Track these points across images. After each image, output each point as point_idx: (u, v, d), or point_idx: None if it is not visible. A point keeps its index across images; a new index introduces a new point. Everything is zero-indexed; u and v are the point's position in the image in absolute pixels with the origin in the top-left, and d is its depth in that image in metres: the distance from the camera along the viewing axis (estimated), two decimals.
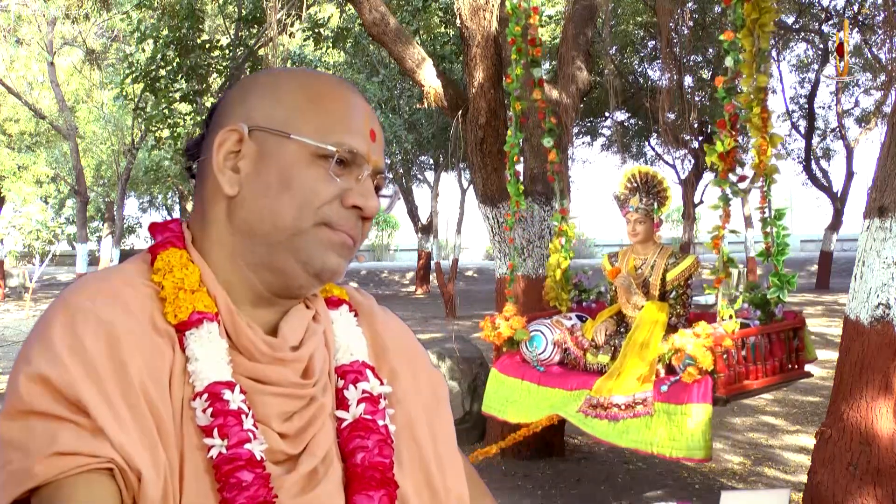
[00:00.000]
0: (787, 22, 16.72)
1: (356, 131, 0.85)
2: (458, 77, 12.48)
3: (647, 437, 3.56)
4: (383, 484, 0.83)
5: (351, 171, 0.84)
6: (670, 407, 3.55)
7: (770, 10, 3.58)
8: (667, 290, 4.06)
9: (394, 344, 0.97)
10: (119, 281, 0.81)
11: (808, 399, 7.39)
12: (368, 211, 0.85)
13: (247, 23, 12.59)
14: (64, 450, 0.69)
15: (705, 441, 3.41)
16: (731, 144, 3.72)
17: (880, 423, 3.10)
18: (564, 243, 4.71)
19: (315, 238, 0.83)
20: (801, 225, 55.61)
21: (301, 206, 0.82)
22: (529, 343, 4.28)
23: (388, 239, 38.43)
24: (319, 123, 0.84)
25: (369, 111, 0.89)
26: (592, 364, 4.08)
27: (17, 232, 18.49)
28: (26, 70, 17.76)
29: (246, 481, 0.74)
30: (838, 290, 17.90)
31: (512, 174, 4.82)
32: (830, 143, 20.85)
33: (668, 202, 4.19)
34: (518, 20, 4.64)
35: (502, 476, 5.09)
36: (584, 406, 3.80)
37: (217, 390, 0.77)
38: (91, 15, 14.60)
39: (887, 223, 3.16)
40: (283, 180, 0.82)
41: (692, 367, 3.49)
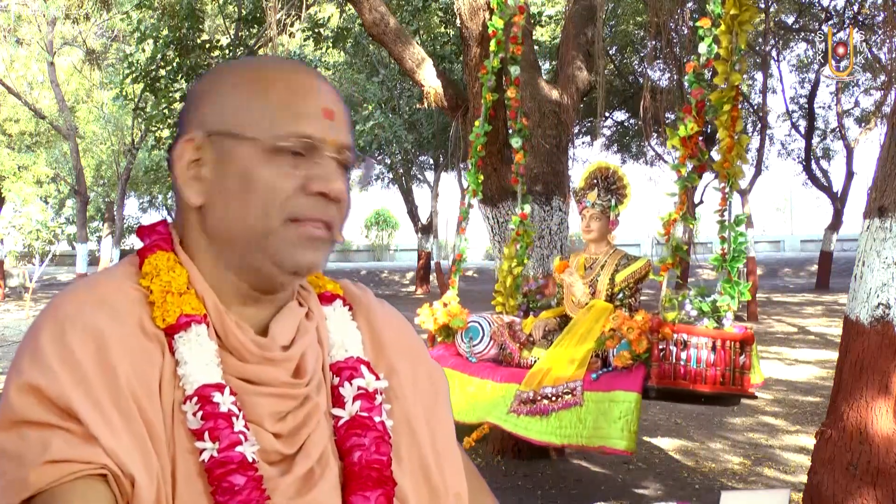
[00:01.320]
0: (787, 22, 16.72)
1: (307, 115, 0.83)
2: (458, 77, 12.48)
3: (578, 429, 3.42)
4: (380, 483, 0.82)
5: (310, 157, 0.82)
6: (598, 395, 3.41)
7: (751, 8, 3.56)
8: (615, 291, 3.94)
9: (392, 338, 0.96)
10: (107, 286, 0.81)
11: (808, 399, 7.39)
12: (333, 194, 0.82)
13: (247, 23, 12.59)
14: (57, 457, 0.70)
15: (629, 431, 3.23)
16: (694, 129, 3.69)
17: (880, 423, 3.10)
18: (519, 249, 4.62)
19: (285, 236, 0.81)
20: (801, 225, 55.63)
21: (265, 206, 0.80)
22: (465, 333, 4.16)
23: (388, 239, 38.44)
24: (269, 116, 0.82)
25: (323, 89, 0.86)
26: (526, 358, 3.95)
27: (17, 232, 18.48)
28: (26, 70, 17.75)
29: (238, 485, 0.75)
30: (838, 290, 17.91)
31: (474, 164, 4.76)
32: (830, 143, 20.87)
33: (627, 200, 4.07)
34: (502, 14, 4.64)
35: (502, 476, 5.09)
36: (515, 404, 3.66)
37: (207, 393, 0.77)
38: (91, 15, 14.60)
39: (887, 223, 3.16)
40: (243, 182, 0.81)
41: (626, 351, 3.38)
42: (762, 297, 17.98)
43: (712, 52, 3.67)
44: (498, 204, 5.48)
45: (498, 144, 5.36)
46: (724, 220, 3.76)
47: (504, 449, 5.40)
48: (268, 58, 0.89)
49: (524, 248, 4.65)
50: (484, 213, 5.66)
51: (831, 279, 19.60)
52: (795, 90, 20.35)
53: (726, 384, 3.52)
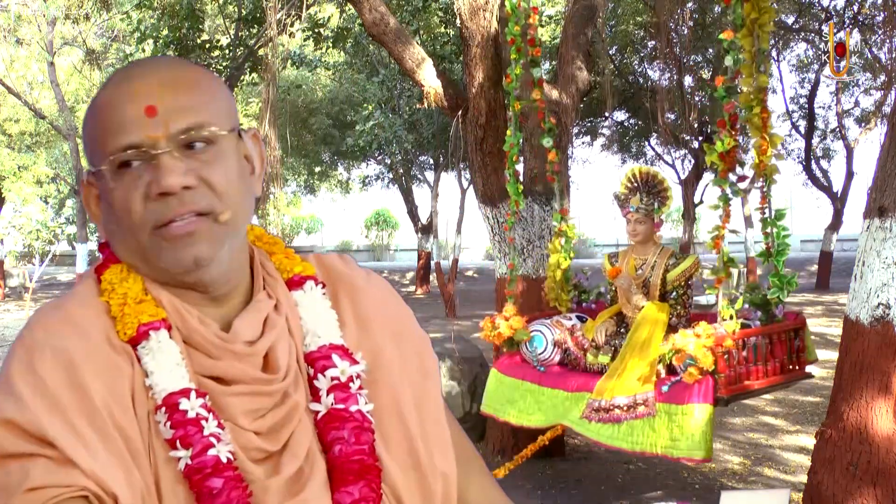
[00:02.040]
0: (787, 22, 16.72)
1: (126, 123, 0.81)
2: (458, 77, 12.47)
3: (650, 438, 3.56)
4: (362, 474, 0.82)
5: (147, 161, 0.80)
6: (672, 407, 3.54)
7: (769, 9, 3.58)
8: (667, 290, 4.04)
9: (377, 315, 0.94)
10: (72, 305, 0.82)
11: (808, 399, 7.39)
12: (168, 188, 0.79)
13: (247, 23, 12.59)
14: (36, 485, 0.71)
15: (706, 441, 3.41)
16: (731, 144, 3.72)
17: (880, 423, 3.10)
18: (564, 243, 4.70)
19: (156, 245, 0.81)
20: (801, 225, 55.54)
21: (129, 227, 0.81)
22: (530, 343, 4.26)
23: (388, 239, 38.43)
24: (100, 141, 0.82)
25: (145, 87, 0.82)
26: (593, 364, 4.06)
27: (17, 232, 18.50)
28: (26, 70, 17.75)
29: (216, 488, 0.75)
30: (838, 290, 17.89)
31: (511, 174, 4.82)
32: (830, 143, 20.85)
33: (669, 202, 4.18)
34: (517, 20, 4.64)
35: (502, 476, 5.09)
36: (587, 411, 3.79)
37: (174, 401, 0.77)
38: (91, 15, 14.60)
39: (887, 223, 3.16)
40: (111, 211, 0.83)
41: (693, 368, 3.48)
42: None
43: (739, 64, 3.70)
44: (498, 204, 5.48)
45: (498, 144, 5.36)
46: (766, 216, 3.86)
47: (504, 449, 5.40)
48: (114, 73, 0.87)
49: (569, 242, 4.72)
50: (484, 213, 5.65)
51: (831, 279, 19.58)
52: (795, 90, 20.34)
53: (785, 371, 3.78)
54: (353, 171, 25.29)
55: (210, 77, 0.87)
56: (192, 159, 0.81)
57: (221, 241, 0.82)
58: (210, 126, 0.82)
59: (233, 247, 0.84)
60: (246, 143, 0.89)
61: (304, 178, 25.09)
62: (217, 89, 0.86)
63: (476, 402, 5.91)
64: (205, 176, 0.81)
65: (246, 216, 0.86)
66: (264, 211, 11.86)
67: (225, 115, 0.85)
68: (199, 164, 0.81)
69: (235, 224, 0.83)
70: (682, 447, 3.45)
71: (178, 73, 0.84)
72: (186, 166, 0.80)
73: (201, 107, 0.83)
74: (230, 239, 0.83)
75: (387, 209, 37.73)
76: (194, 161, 0.81)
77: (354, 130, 16.72)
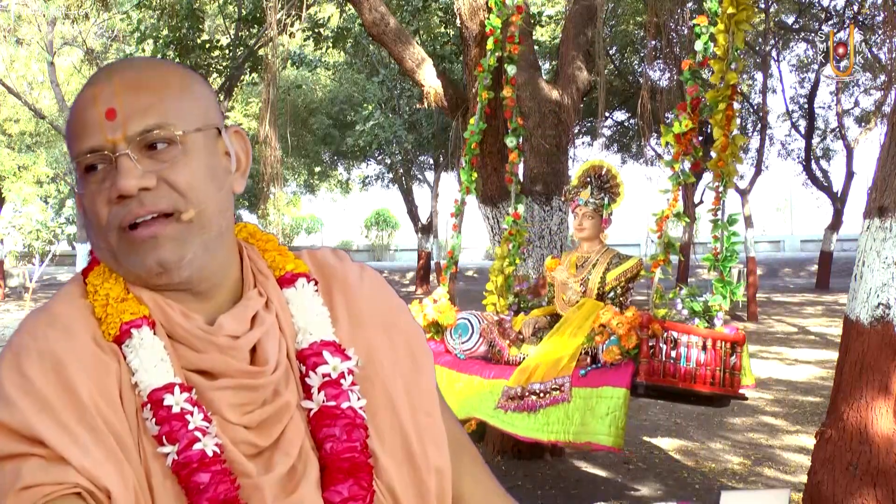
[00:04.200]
0: (787, 22, 16.72)
1: (88, 127, 0.81)
2: (458, 77, 12.48)
3: (565, 426, 3.39)
4: (352, 472, 0.82)
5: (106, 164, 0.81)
6: (586, 391, 3.38)
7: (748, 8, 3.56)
8: (605, 290, 3.92)
9: (370, 309, 0.94)
10: (58, 306, 0.83)
11: (808, 399, 7.39)
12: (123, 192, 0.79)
13: (247, 23, 12.59)
14: (28, 483, 0.71)
15: (616, 427, 3.18)
16: (689, 126, 3.69)
17: (880, 424, 3.10)
18: (512, 249, 4.60)
19: (126, 249, 0.81)
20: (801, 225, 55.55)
21: (98, 229, 0.82)
22: (454, 330, 4.14)
23: (388, 239, 38.43)
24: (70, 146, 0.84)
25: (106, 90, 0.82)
26: (515, 356, 3.93)
27: (17, 232, 18.50)
28: (26, 70, 17.76)
29: (203, 482, 0.75)
30: (838, 290, 17.90)
31: (468, 161, 4.75)
32: (830, 143, 20.85)
33: (620, 199, 4.03)
34: (500, 13, 4.64)
35: (502, 476, 5.09)
36: (502, 400, 3.64)
37: (158, 397, 0.78)
38: (91, 15, 14.60)
39: (887, 223, 3.16)
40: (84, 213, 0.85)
41: (615, 346, 3.36)
42: (762, 297, 17.96)
43: (708, 50, 3.68)
44: (498, 204, 5.48)
45: (498, 144, 5.36)
46: (717, 219, 3.76)
47: (504, 449, 5.40)
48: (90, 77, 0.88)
49: (516, 247, 4.63)
50: (484, 213, 5.66)
51: (831, 279, 19.60)
52: (795, 90, 20.34)
53: (716, 384, 3.50)
54: (353, 171, 25.29)
55: (181, 76, 0.86)
56: (153, 160, 0.81)
57: (188, 241, 0.81)
58: (170, 126, 0.81)
59: (207, 245, 0.83)
60: (226, 140, 0.88)
61: (304, 178, 25.10)
62: (186, 88, 0.85)
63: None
64: (166, 176, 0.80)
65: (219, 214, 0.84)
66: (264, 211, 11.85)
67: (192, 113, 0.84)
68: (160, 165, 0.81)
69: (203, 222, 0.82)
70: (590, 431, 3.26)
71: (142, 74, 0.84)
72: (146, 168, 0.80)
73: (163, 107, 0.82)
74: (199, 237, 0.82)
75: (387, 209, 37.73)
76: (156, 162, 0.81)
77: (354, 130, 16.72)
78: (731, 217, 3.77)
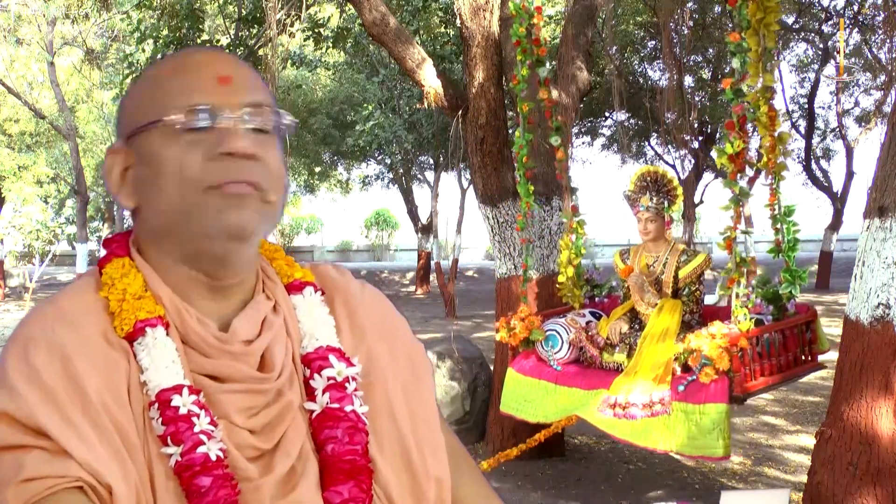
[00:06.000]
0: (787, 22, 16.72)
1: (198, 86, 0.83)
2: (458, 77, 12.47)
3: (666, 436, 3.60)
4: (353, 474, 0.82)
5: (209, 125, 0.82)
6: (688, 406, 3.59)
7: (775, 8, 3.59)
8: (679, 287, 4.10)
9: (371, 321, 0.95)
10: (68, 301, 0.82)
11: (808, 399, 7.39)
12: (239, 151, 0.80)
13: (247, 23, 12.58)
14: (30, 475, 0.71)
15: (723, 439, 3.46)
16: (741, 146, 3.74)
17: (880, 423, 3.10)
18: (575, 240, 4.73)
19: (207, 205, 0.80)
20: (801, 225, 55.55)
21: (179, 185, 0.80)
22: (545, 342, 4.31)
23: (388, 239, 38.42)
24: (160, 101, 0.83)
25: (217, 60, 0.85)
26: (609, 363, 4.13)
27: (17, 232, 18.50)
28: (26, 70, 17.76)
29: (205, 486, 0.75)
30: (838, 290, 17.88)
31: (522, 175, 4.83)
32: (830, 143, 20.85)
33: (679, 200, 4.25)
34: (521, 21, 4.65)
35: (502, 476, 5.09)
36: (603, 406, 3.83)
37: (166, 397, 0.78)
38: (91, 15, 14.60)
39: (887, 223, 3.16)
40: (156, 170, 0.82)
41: (709, 368, 3.53)
42: None
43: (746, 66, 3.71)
44: (498, 204, 5.48)
45: (498, 144, 5.36)
46: (775, 213, 3.92)
47: (505, 449, 5.40)
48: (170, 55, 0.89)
49: (579, 238, 4.75)
50: (484, 213, 5.65)
51: (831, 279, 19.58)
52: (795, 90, 20.35)
53: (798, 364, 3.87)
54: (353, 171, 25.28)
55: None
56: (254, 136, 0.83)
57: (262, 222, 0.83)
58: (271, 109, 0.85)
59: (263, 235, 0.86)
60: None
61: (304, 178, 25.08)
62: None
63: (476, 402, 5.91)
64: (264, 155, 0.82)
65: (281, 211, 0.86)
66: None
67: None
68: (260, 143, 0.82)
69: (274, 212, 0.84)
70: (700, 445, 3.51)
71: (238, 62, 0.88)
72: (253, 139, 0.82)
73: (266, 92, 0.86)
74: (267, 224, 0.84)
75: (387, 209, 37.73)
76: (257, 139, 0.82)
77: (354, 130, 16.71)
78: (788, 208, 3.93)
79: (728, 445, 3.49)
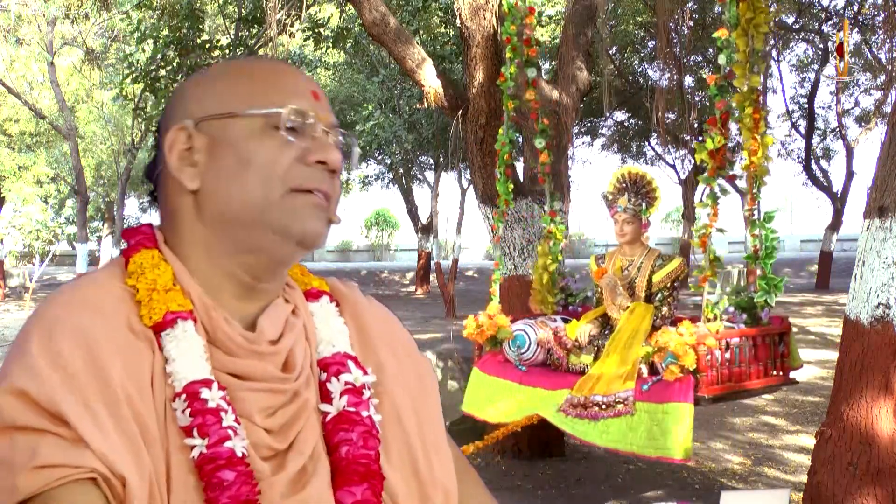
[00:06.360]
0: (787, 22, 16.72)
1: (297, 93, 0.85)
2: (458, 77, 12.47)
3: (627, 436, 3.50)
4: (367, 477, 0.82)
5: (303, 130, 0.84)
6: (651, 406, 3.49)
7: (764, 10, 3.58)
8: (652, 291, 4.01)
9: (379, 333, 0.96)
10: (93, 287, 0.81)
11: (808, 399, 7.39)
12: (331, 163, 0.83)
13: (247, 23, 12.58)
14: (45, 462, 0.69)
15: (685, 441, 3.34)
16: (721, 142, 3.71)
17: (880, 423, 3.10)
18: (552, 246, 4.66)
19: (287, 205, 0.81)
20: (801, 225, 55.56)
21: (265, 179, 0.81)
22: (512, 342, 4.22)
23: (388, 239, 38.44)
24: (258, 94, 0.84)
25: (307, 76, 0.89)
26: (575, 364, 4.03)
27: (17, 232, 18.49)
28: (26, 70, 17.76)
29: (228, 480, 0.74)
30: (838, 290, 17.89)
31: (502, 172, 4.79)
32: (830, 143, 20.88)
33: (657, 203, 4.14)
34: (514, 19, 4.65)
35: (502, 476, 5.09)
36: (565, 405, 3.75)
37: (195, 389, 0.77)
38: (91, 15, 14.60)
39: (887, 223, 3.16)
40: (240, 159, 0.82)
41: (674, 366, 3.44)
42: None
43: (732, 63, 3.69)
44: (498, 204, 5.48)
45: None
46: (754, 218, 3.86)
47: (504, 449, 5.40)
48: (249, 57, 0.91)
49: (556, 244, 4.70)
50: (484, 213, 5.66)
51: (831, 279, 19.59)
52: (795, 90, 20.37)
53: (769, 376, 3.73)
54: (353, 170, 25.27)
55: None
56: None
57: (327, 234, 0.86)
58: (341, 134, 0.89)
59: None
60: None
61: None
62: None
63: None
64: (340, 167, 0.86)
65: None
66: None
67: None
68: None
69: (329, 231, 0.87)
70: (659, 446, 3.39)
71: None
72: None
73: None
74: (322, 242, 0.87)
75: (387, 209, 37.75)
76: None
77: (354, 130, 16.71)
78: (767, 214, 3.86)
79: (689, 448, 3.34)
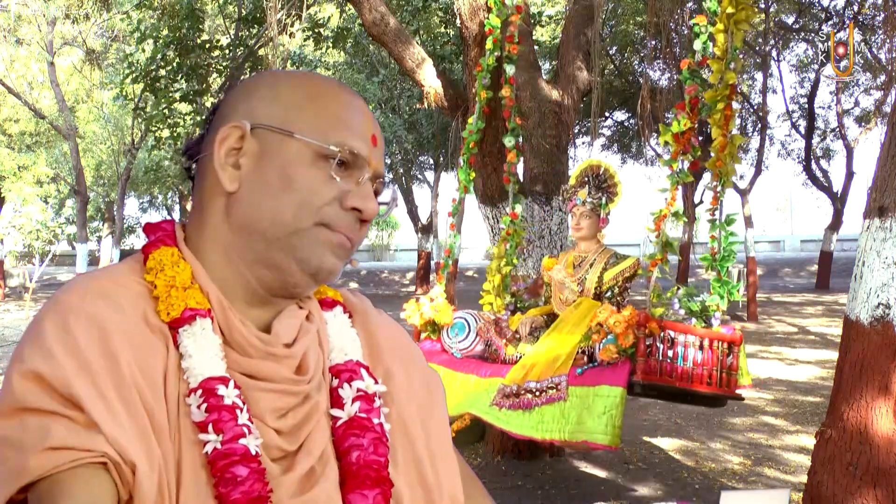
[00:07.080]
0: (787, 22, 16.72)
1: (358, 134, 0.86)
2: (458, 77, 12.48)
3: (561, 424, 3.36)
4: (378, 482, 0.83)
5: (351, 173, 0.85)
6: (583, 389, 3.36)
7: (748, 8, 3.56)
8: (603, 289, 3.90)
9: (388, 344, 0.97)
10: (110, 280, 0.82)
11: (808, 399, 7.39)
12: (367, 214, 0.85)
13: (247, 23, 12.59)
14: (57, 444, 0.70)
15: (612, 426, 3.16)
16: (687, 126, 3.68)
17: (880, 424, 3.10)
18: (509, 249, 4.60)
19: (313, 237, 0.83)
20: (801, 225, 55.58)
21: (301, 206, 0.82)
22: (451, 329, 4.14)
23: (388, 239, 38.44)
24: (321, 123, 0.84)
25: (371, 116, 0.89)
26: (512, 355, 3.92)
27: (17, 232, 18.48)
28: (26, 70, 17.76)
29: (241, 476, 0.75)
30: (838, 290, 17.91)
31: (465, 160, 4.74)
32: (830, 143, 20.87)
33: (618, 199, 4.03)
34: (499, 13, 4.64)
35: (502, 476, 5.09)
36: (497, 398, 3.63)
37: (211, 386, 0.77)
38: (91, 15, 14.59)
39: (887, 223, 3.16)
40: (283, 179, 0.82)
41: (611, 345, 3.34)
42: (762, 298, 17.97)
43: (707, 50, 3.67)
44: (498, 204, 5.48)
45: (497, 144, 5.35)
46: (715, 219, 3.76)
47: (504, 449, 5.40)
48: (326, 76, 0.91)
49: (514, 247, 4.64)
50: (484, 213, 5.66)
51: (831, 279, 19.61)
52: (795, 90, 20.36)
53: (713, 385, 3.48)
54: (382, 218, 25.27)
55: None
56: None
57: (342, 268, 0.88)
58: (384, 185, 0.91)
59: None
60: None
61: None
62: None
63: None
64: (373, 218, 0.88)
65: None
66: None
67: None
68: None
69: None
70: (587, 429, 3.23)
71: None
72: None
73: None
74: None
75: None
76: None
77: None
78: (728, 217, 3.77)
79: (617, 435, 3.15)
